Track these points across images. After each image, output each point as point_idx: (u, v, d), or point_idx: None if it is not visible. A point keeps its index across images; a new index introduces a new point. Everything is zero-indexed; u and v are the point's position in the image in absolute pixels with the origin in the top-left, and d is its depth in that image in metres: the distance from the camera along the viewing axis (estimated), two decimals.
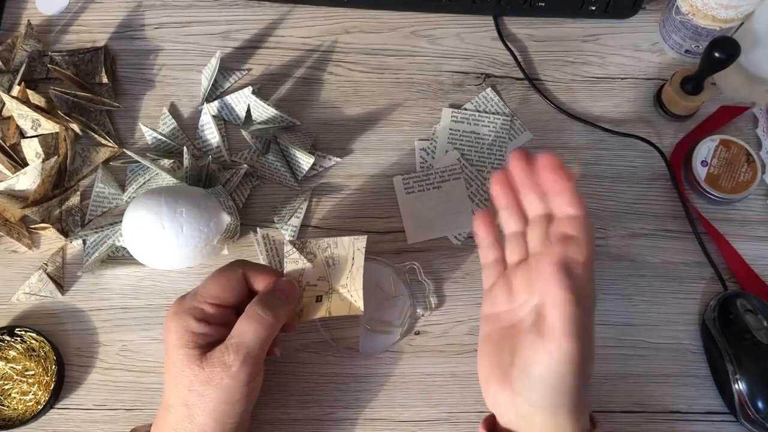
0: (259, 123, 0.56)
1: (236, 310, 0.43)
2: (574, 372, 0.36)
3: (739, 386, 0.47)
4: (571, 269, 0.36)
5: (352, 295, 0.45)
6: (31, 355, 0.49)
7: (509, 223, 0.42)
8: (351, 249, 0.46)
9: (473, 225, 0.43)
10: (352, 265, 0.46)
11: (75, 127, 0.55)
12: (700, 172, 0.54)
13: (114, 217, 0.53)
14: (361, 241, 0.46)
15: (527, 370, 0.37)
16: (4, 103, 0.55)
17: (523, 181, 0.41)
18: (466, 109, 0.57)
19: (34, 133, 0.54)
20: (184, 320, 0.40)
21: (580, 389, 0.37)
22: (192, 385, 0.40)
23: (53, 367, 0.49)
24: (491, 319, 0.42)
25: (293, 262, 0.46)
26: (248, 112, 0.57)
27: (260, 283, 0.43)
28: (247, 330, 0.40)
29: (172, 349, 0.40)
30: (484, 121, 0.57)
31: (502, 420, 0.41)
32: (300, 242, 0.47)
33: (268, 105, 0.55)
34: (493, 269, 0.43)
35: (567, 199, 0.39)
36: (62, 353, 0.50)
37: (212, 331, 0.41)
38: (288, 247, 0.47)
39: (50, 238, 0.54)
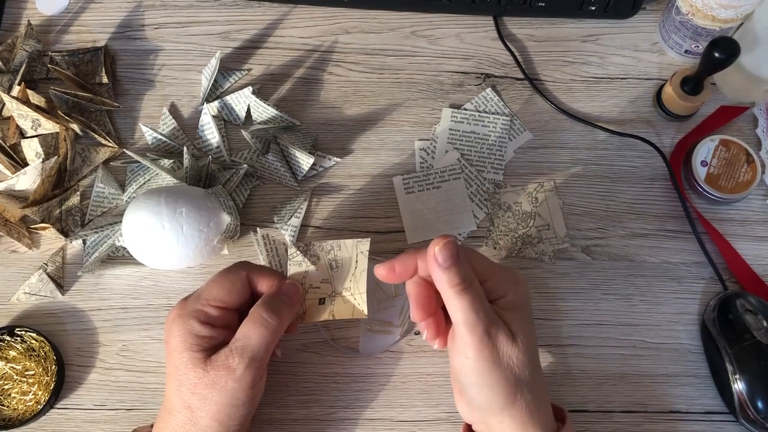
0: (259, 123, 0.56)
1: (239, 312, 0.43)
2: (491, 366, 0.36)
3: (739, 386, 0.47)
4: (450, 263, 0.37)
5: (355, 298, 0.45)
6: (31, 355, 0.49)
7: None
8: (354, 252, 0.46)
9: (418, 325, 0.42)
10: (356, 267, 0.46)
11: (75, 127, 0.55)
12: (700, 172, 0.54)
13: (114, 217, 0.53)
14: (364, 244, 0.46)
15: (458, 378, 0.38)
16: (4, 103, 0.55)
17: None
18: (466, 109, 0.57)
19: (34, 133, 0.54)
20: (187, 323, 0.40)
21: (513, 384, 0.37)
22: (196, 388, 0.40)
23: (53, 367, 0.49)
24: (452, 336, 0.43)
25: (297, 264, 0.46)
26: (248, 112, 0.57)
27: (264, 286, 0.43)
28: (251, 333, 0.40)
29: (176, 352, 0.40)
30: (484, 121, 0.57)
31: (475, 428, 0.42)
32: (303, 245, 0.47)
33: (268, 105, 0.55)
34: None
35: (399, 277, 0.41)
36: (62, 353, 0.50)
37: (216, 333, 0.41)
38: (292, 250, 0.47)
39: (50, 238, 0.54)
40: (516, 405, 0.38)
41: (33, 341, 0.50)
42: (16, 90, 0.55)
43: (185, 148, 0.52)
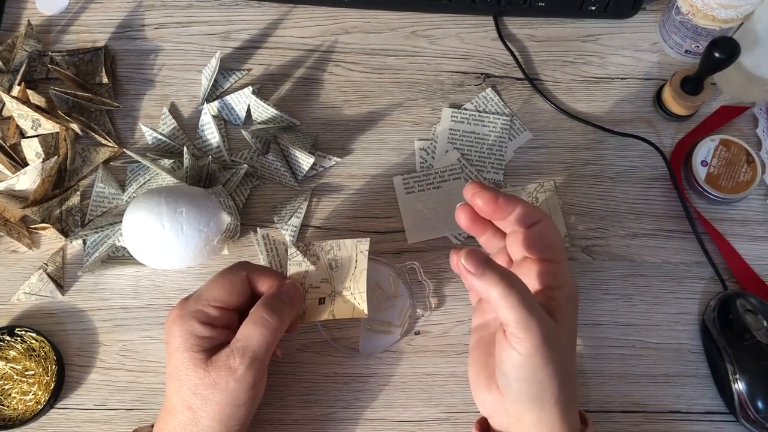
0: (259, 123, 0.56)
1: (239, 312, 0.43)
2: (544, 363, 0.36)
3: (739, 386, 0.47)
4: (483, 267, 0.36)
5: (355, 298, 0.45)
6: (31, 355, 0.49)
7: (488, 247, 0.46)
8: (354, 251, 0.46)
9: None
10: (355, 267, 0.46)
11: (75, 127, 0.55)
12: (700, 172, 0.54)
13: (114, 217, 0.53)
14: (364, 244, 0.46)
15: (502, 368, 0.38)
16: (4, 103, 0.55)
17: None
18: (466, 109, 0.57)
19: (34, 133, 0.54)
20: (188, 324, 0.40)
21: (559, 380, 0.37)
22: (197, 389, 0.40)
23: (53, 367, 0.49)
24: (481, 328, 0.44)
25: (296, 264, 0.47)
26: (248, 112, 0.57)
27: (264, 286, 0.43)
28: (252, 333, 0.40)
29: (176, 352, 0.40)
30: (484, 121, 0.57)
31: (495, 422, 0.41)
32: (303, 245, 0.47)
33: (268, 105, 0.55)
34: None
35: (491, 212, 0.42)
36: (62, 353, 0.50)
37: (216, 334, 0.41)
38: (291, 250, 0.47)
39: (50, 238, 0.54)
40: (558, 403, 0.37)
41: (33, 341, 0.50)
42: (16, 90, 0.55)
43: (185, 148, 0.52)
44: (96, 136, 0.55)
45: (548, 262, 0.41)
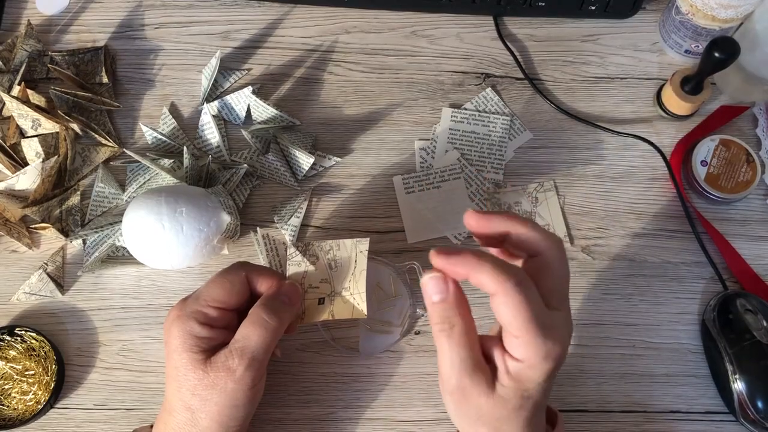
0: (259, 123, 0.56)
1: (238, 312, 0.43)
2: (457, 413, 0.36)
3: (739, 386, 0.47)
4: (439, 298, 0.36)
5: (355, 298, 0.45)
6: (31, 354, 0.49)
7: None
8: (354, 251, 0.46)
9: None
10: (355, 267, 0.46)
11: (75, 126, 0.55)
12: (700, 171, 0.54)
13: (114, 216, 0.53)
14: (363, 244, 0.46)
15: None
16: (4, 103, 0.55)
17: None
18: (466, 109, 0.57)
19: (34, 133, 0.54)
20: (187, 324, 0.40)
21: (467, 407, 0.35)
22: (196, 390, 0.39)
23: (53, 366, 0.49)
24: None
25: (296, 264, 0.46)
26: (248, 112, 0.57)
27: (263, 286, 0.43)
28: (251, 334, 0.40)
29: (175, 353, 0.40)
30: (484, 121, 0.57)
31: None
32: (302, 245, 0.47)
33: (268, 105, 0.55)
34: None
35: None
36: (62, 353, 0.50)
37: (215, 334, 0.41)
38: (291, 250, 0.47)
39: (50, 237, 0.54)
40: (479, 426, 0.36)
41: (33, 341, 0.50)
42: (16, 90, 0.55)
43: (185, 148, 0.52)
44: (96, 136, 0.55)
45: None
